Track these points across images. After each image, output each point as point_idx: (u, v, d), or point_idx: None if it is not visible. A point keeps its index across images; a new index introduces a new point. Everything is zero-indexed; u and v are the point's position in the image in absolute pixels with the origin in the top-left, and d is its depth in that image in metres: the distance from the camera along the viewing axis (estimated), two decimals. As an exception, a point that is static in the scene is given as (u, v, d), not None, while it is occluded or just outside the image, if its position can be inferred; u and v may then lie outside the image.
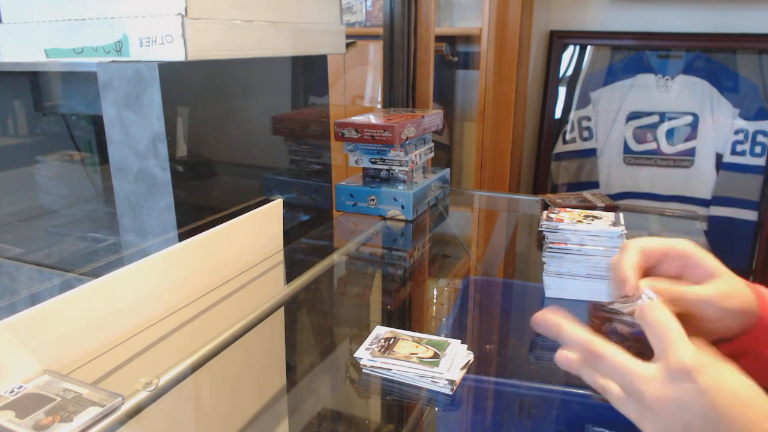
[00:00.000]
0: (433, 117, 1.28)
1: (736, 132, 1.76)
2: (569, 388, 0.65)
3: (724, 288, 0.47)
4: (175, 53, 0.76)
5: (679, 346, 0.39)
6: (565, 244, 0.83)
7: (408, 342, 0.67)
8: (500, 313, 0.89)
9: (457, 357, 0.64)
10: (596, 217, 0.85)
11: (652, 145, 1.86)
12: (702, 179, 1.82)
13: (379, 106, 1.93)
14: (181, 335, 0.71)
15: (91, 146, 1.29)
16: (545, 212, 0.89)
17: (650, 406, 0.40)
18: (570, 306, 0.83)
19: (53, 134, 1.28)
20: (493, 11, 1.75)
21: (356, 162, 1.19)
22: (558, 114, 1.95)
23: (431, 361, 0.63)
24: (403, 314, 0.86)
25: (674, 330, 0.41)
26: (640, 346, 0.43)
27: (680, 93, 1.81)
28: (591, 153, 1.93)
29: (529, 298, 0.93)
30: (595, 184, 1.93)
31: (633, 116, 1.87)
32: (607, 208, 1.13)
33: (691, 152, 1.83)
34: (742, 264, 1.80)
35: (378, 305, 0.90)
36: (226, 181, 0.94)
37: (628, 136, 1.89)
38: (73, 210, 1.26)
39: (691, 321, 0.47)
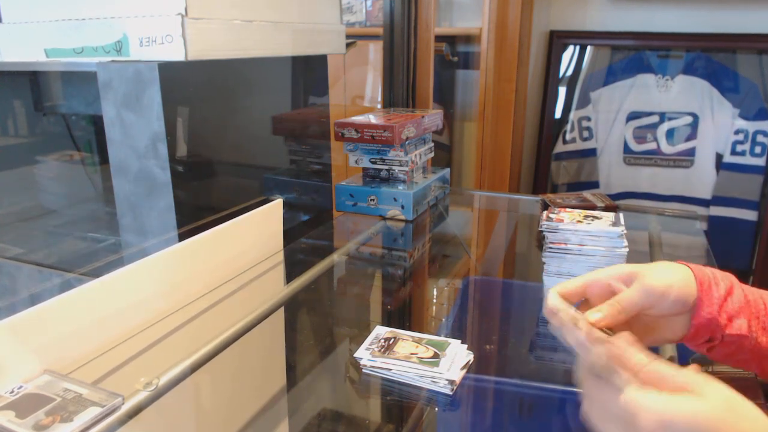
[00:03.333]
0: (433, 117, 1.28)
1: (736, 132, 1.76)
2: (569, 388, 0.65)
3: (648, 280, 0.49)
4: (175, 53, 0.76)
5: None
6: (565, 244, 0.83)
7: (408, 342, 0.67)
8: (500, 313, 0.89)
9: (457, 357, 0.64)
10: (596, 217, 0.85)
11: (652, 145, 1.86)
12: (702, 179, 1.82)
13: (379, 106, 1.93)
14: (181, 335, 0.71)
15: (91, 146, 1.29)
16: (545, 212, 0.89)
17: None
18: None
19: (53, 134, 1.28)
20: (493, 11, 1.75)
21: (356, 162, 1.19)
22: (558, 114, 1.95)
23: (431, 361, 0.63)
24: (403, 314, 0.86)
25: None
26: None
27: (680, 93, 1.81)
28: (591, 153, 1.93)
29: (529, 298, 0.93)
30: (595, 184, 1.93)
31: (633, 116, 1.87)
32: (607, 208, 1.13)
33: (691, 152, 1.83)
34: (742, 264, 1.79)
35: (378, 305, 0.90)
36: (226, 181, 0.94)
37: (628, 136, 1.89)
38: (73, 210, 1.26)
39: (643, 324, 0.51)
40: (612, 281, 0.51)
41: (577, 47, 1.91)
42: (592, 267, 0.81)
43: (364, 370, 0.64)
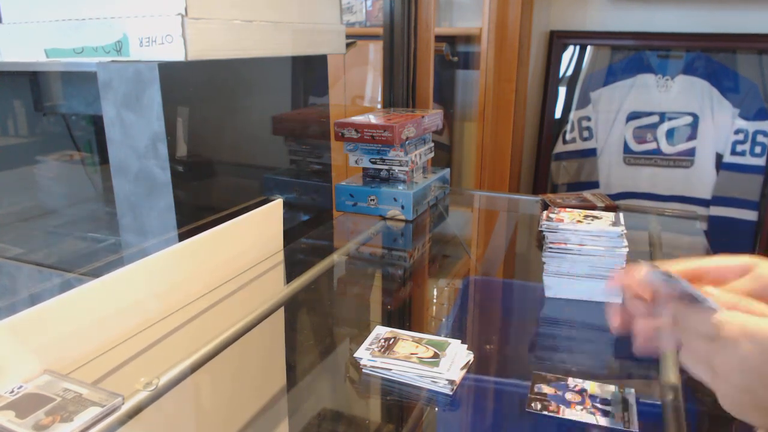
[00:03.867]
0: (433, 117, 1.28)
1: (736, 132, 1.76)
2: (569, 388, 0.64)
3: (763, 269, 0.48)
4: (175, 53, 0.76)
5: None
6: (565, 244, 0.83)
7: (408, 342, 0.67)
8: (500, 313, 0.89)
9: (457, 357, 0.64)
10: (596, 217, 0.85)
11: (652, 145, 1.86)
12: (702, 179, 1.82)
13: (379, 106, 1.93)
14: (181, 335, 0.71)
15: (91, 146, 1.29)
16: (545, 212, 0.89)
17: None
18: (570, 306, 0.83)
19: (53, 134, 1.28)
20: (493, 11, 1.75)
21: (356, 162, 1.19)
22: (558, 114, 1.95)
23: (431, 361, 0.63)
24: (403, 314, 0.86)
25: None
26: None
27: (680, 93, 1.81)
28: (591, 153, 1.93)
29: (529, 298, 0.93)
30: (595, 184, 1.93)
31: (633, 116, 1.87)
32: (607, 208, 1.13)
33: (691, 152, 1.83)
34: (742, 264, 1.79)
35: (378, 305, 0.90)
36: (226, 181, 0.94)
37: (628, 136, 1.89)
38: (73, 210, 1.26)
39: None
40: (727, 271, 0.50)
41: (577, 47, 1.91)
42: (592, 267, 0.82)
43: (364, 370, 0.64)
